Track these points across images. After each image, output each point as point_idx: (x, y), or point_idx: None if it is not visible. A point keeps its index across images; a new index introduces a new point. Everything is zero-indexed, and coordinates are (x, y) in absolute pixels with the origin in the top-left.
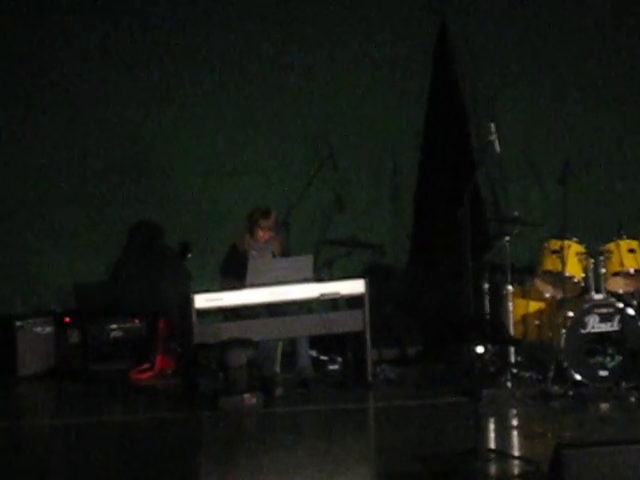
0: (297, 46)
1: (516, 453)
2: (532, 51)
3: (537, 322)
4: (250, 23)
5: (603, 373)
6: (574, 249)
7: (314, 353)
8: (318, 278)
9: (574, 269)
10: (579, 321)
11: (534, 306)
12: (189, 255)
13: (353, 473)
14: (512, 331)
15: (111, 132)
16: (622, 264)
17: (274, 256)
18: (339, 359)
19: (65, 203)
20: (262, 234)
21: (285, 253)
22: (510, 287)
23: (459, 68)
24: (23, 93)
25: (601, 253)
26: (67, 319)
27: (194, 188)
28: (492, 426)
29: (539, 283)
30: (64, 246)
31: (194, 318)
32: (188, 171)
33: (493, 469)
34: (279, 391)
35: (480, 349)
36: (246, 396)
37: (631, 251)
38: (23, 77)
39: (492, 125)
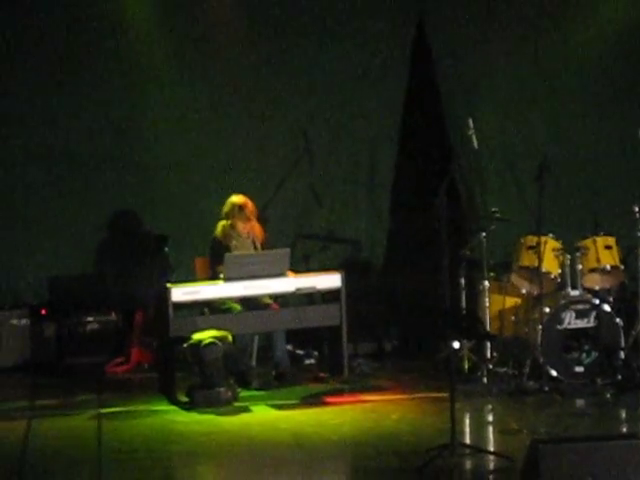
0: (276, 43)
1: (491, 448)
2: (510, 48)
3: (513, 318)
4: (229, 19)
5: (579, 369)
6: (550, 245)
7: (290, 347)
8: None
9: (550, 265)
10: (555, 317)
11: (510, 302)
12: (166, 248)
13: (328, 467)
14: (488, 326)
15: (90, 125)
16: (598, 260)
17: (255, 245)
18: (315, 353)
19: (41, 195)
20: (243, 226)
21: (264, 241)
22: (486, 283)
23: (437, 64)
24: None
25: (577, 249)
26: (43, 311)
27: (171, 181)
28: (467, 421)
29: (515, 279)
30: (40, 238)
31: (171, 311)
32: (165, 164)
33: (468, 464)
34: (255, 385)
35: (456, 344)
36: (222, 390)
37: (608, 247)
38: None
39: (470, 121)
